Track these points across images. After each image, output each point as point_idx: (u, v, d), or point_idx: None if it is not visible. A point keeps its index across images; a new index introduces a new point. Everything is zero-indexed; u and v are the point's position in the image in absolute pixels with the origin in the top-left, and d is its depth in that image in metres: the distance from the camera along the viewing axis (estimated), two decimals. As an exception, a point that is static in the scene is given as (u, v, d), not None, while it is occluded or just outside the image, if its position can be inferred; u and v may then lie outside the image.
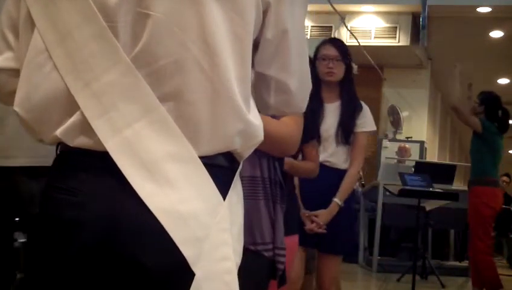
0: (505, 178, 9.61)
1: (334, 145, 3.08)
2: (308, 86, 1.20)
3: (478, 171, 5.08)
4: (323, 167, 2.77)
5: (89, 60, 0.99)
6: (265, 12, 1.06)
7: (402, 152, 8.66)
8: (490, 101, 5.13)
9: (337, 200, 2.96)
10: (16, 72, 1.08)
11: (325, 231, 2.73)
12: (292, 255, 2.32)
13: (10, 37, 1.11)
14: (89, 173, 1.00)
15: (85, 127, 0.99)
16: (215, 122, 1.01)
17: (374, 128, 3.15)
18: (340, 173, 3.06)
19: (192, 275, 0.96)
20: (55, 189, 1.02)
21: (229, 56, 1.00)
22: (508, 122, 5.17)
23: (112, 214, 0.97)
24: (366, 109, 3.11)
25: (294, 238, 2.33)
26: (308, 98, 1.21)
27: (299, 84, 1.15)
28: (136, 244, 0.96)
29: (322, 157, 2.90)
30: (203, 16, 0.98)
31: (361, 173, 8.25)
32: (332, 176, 3.00)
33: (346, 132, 3.07)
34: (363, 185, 8.24)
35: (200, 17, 0.98)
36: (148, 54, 0.98)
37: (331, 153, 3.08)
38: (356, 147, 3.09)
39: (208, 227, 0.98)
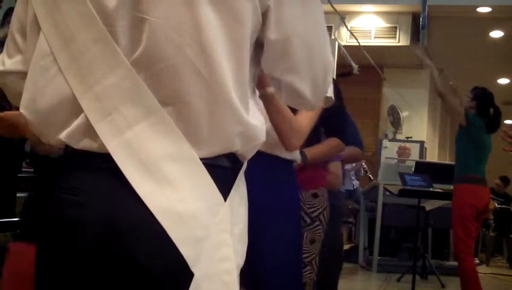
0: (497, 181, 9.42)
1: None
2: (323, 90, 1.16)
3: (460, 169, 4.80)
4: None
5: (91, 64, 1.00)
6: (265, 14, 1.06)
7: (402, 152, 8.65)
8: (483, 98, 4.85)
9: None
10: (24, 75, 1.09)
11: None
12: None
13: (19, 40, 1.14)
14: (90, 173, 1.01)
15: (89, 129, 1.00)
16: (214, 124, 1.01)
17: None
18: (279, 163, 1.98)
19: (191, 275, 0.97)
20: (59, 189, 1.03)
21: (225, 59, 1.00)
22: (499, 121, 4.84)
23: (111, 213, 0.98)
24: None
25: None
26: (321, 99, 1.19)
27: (311, 89, 1.13)
28: (135, 243, 0.97)
29: None
30: (198, 20, 0.99)
31: (365, 166, 8.20)
32: (266, 166, 1.82)
33: None
34: (369, 177, 8.18)
35: (195, 21, 0.99)
36: (147, 57, 0.99)
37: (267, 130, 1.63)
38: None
39: (207, 227, 0.99)
